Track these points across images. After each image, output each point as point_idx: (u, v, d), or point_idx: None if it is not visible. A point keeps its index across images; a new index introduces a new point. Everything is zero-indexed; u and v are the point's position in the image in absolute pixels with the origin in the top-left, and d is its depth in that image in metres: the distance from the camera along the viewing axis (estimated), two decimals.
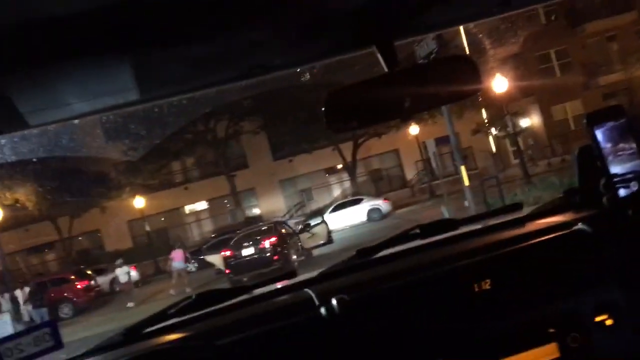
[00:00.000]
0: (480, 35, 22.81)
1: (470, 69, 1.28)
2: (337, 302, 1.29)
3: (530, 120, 31.84)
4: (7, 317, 13.29)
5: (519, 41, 26.68)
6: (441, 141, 21.44)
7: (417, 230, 1.66)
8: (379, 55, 1.30)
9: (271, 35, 1.23)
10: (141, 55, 1.10)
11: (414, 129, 28.82)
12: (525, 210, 1.90)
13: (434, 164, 18.14)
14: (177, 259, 19.02)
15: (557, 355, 1.20)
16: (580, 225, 1.38)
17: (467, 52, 20.41)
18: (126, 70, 1.11)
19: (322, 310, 1.33)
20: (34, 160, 23.03)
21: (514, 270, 1.32)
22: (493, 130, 28.57)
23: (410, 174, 33.94)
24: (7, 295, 17.80)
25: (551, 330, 1.20)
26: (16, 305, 17.30)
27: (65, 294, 20.10)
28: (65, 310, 19.60)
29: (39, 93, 1.10)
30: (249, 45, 1.22)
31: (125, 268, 18.51)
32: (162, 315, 1.59)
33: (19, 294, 17.83)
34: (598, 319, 1.24)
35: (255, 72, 1.28)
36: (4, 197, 22.54)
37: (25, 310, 16.82)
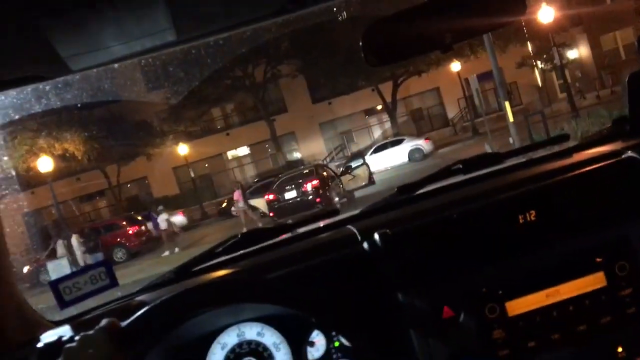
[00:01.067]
0: None
1: None
2: (380, 237, 1.30)
3: (578, 52, 30.53)
4: (65, 262, 14.00)
5: None
6: (484, 77, 20.85)
7: (460, 166, 1.64)
8: None
9: None
10: None
11: (455, 66, 28.03)
12: (573, 142, 1.84)
13: (476, 101, 17.70)
14: (239, 199, 19.52)
15: (604, 284, 1.19)
16: (629, 153, 1.33)
17: None
18: (162, 10, 1.11)
19: (365, 245, 1.34)
20: (79, 106, 23.64)
21: (560, 200, 1.30)
22: (539, 63, 27.57)
23: (452, 112, 33.30)
24: (63, 242, 18.70)
25: (598, 259, 1.19)
26: (72, 250, 18.15)
27: (118, 239, 20.94)
28: (119, 255, 20.46)
29: (78, 37, 1.11)
30: None
31: (164, 215, 19.07)
32: (210, 254, 1.64)
33: (74, 240, 18.67)
34: None
35: (292, 6, 1.26)
36: (53, 147, 23.29)
37: (81, 255, 17.63)
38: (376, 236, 1.31)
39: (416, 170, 19.46)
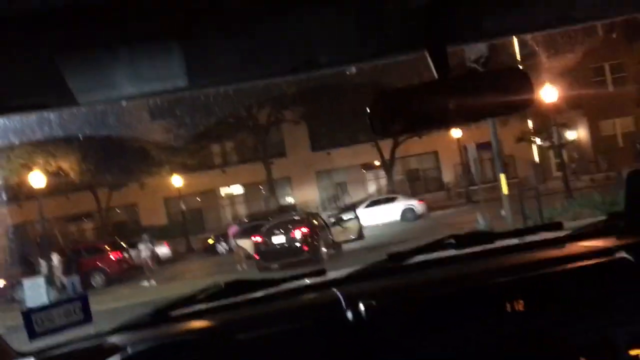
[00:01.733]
0: (533, 42, 22.33)
1: (523, 83, 1.24)
2: (365, 307, 1.28)
3: (577, 134, 31.04)
4: (41, 281, 13.70)
5: (572, 51, 25.98)
6: (483, 147, 21.10)
7: (452, 240, 1.64)
8: (429, 60, 1.28)
9: (321, 31, 1.22)
10: (193, 44, 1.11)
11: (456, 132, 28.42)
12: (566, 229, 1.85)
13: (473, 169, 17.86)
14: (235, 235, 19.50)
15: None
16: (623, 253, 1.33)
17: (519, 58, 19.99)
18: (177, 57, 1.12)
19: (349, 314, 1.32)
20: (80, 136, 23.70)
21: (549, 293, 1.28)
22: (537, 140, 27.97)
23: (448, 177, 33.56)
24: (43, 261, 18.40)
25: (582, 358, 1.17)
26: (51, 270, 17.84)
27: (99, 263, 20.64)
28: (97, 280, 20.13)
29: (90, 72, 1.12)
30: (299, 39, 1.21)
31: (148, 244, 18.94)
32: (190, 300, 1.61)
33: (55, 259, 18.40)
34: (632, 352, 1.20)
35: (304, 67, 1.27)
36: (48, 164, 23.20)
37: (59, 276, 17.33)
38: (361, 306, 1.29)
39: (407, 230, 19.43)
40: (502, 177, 14.65)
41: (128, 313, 1.78)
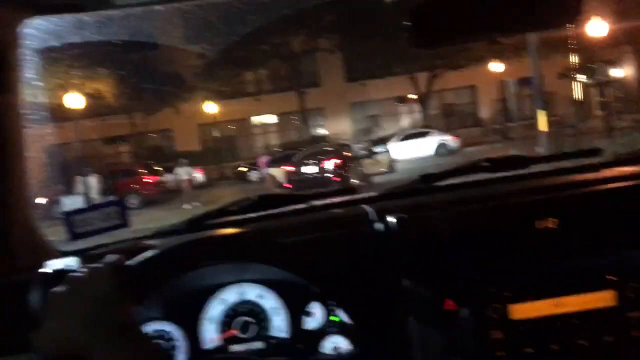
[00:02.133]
0: None
1: None
2: (395, 220, 1.29)
3: (623, 71, 29.78)
4: (80, 200, 14.22)
5: None
6: (523, 82, 20.51)
7: (486, 163, 1.61)
8: None
9: None
10: None
11: (496, 66, 27.54)
12: (604, 158, 1.80)
13: (511, 105, 17.44)
14: (264, 165, 19.97)
15: (614, 303, 1.16)
16: None
17: None
18: None
19: (378, 225, 1.33)
20: (117, 46, 23.77)
21: (582, 213, 1.27)
22: (581, 77, 26.97)
23: (484, 113, 32.85)
24: (81, 181, 18.98)
25: (611, 277, 1.17)
26: (89, 190, 18.43)
27: (134, 185, 21.19)
28: (132, 201, 20.72)
29: None
30: None
31: (188, 169, 19.44)
32: (223, 211, 1.64)
33: (92, 180, 19.01)
34: None
35: None
36: (84, 85, 23.47)
37: (96, 196, 17.90)
38: (390, 218, 1.30)
39: (439, 165, 19.21)
40: (541, 114, 14.29)
41: None
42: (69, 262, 1.38)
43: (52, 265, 1.35)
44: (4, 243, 1.39)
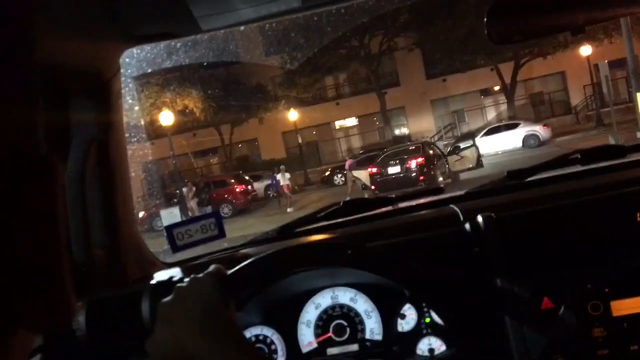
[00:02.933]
0: None
1: None
2: (483, 219, 1.28)
3: None
4: (176, 211, 14.94)
5: None
6: (616, 64, 19.31)
7: (578, 155, 1.56)
8: None
9: None
10: None
11: (585, 49, 26.09)
12: None
13: (605, 89, 16.47)
14: (350, 166, 20.36)
15: None
16: None
17: None
18: None
19: (467, 226, 1.32)
20: (204, 64, 24.89)
21: None
22: None
23: (576, 99, 31.24)
24: (177, 193, 19.91)
25: None
26: (184, 202, 19.30)
27: (226, 195, 21.96)
28: (225, 210, 21.47)
29: None
30: None
31: (286, 174, 20.20)
32: (311, 218, 1.69)
33: (187, 192, 19.91)
34: None
35: None
36: (175, 102, 24.68)
37: (191, 206, 18.70)
38: (479, 218, 1.29)
39: (529, 158, 18.53)
40: (638, 97, 13.40)
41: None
42: (174, 273, 1.48)
43: (159, 276, 1.45)
44: (114, 257, 1.50)
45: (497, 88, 31.32)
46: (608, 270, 1.16)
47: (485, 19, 1.22)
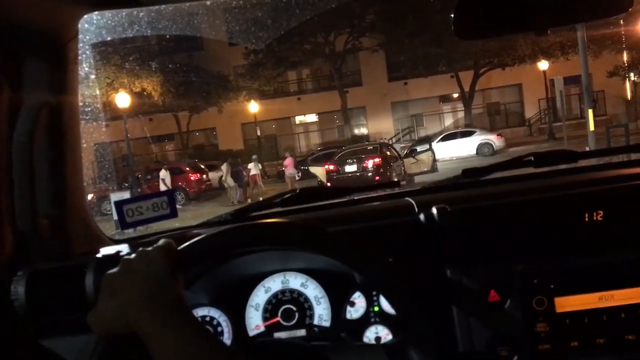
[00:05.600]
0: None
1: None
2: (437, 210, 1.29)
3: None
4: (127, 195, 14.60)
5: None
6: (571, 80, 19.97)
7: (531, 158, 1.59)
8: None
9: None
10: None
11: (542, 64, 26.91)
12: None
13: (558, 104, 17.00)
14: (289, 166, 20.48)
15: None
16: None
17: None
18: None
19: (421, 216, 1.33)
20: (166, 48, 24.34)
21: (630, 205, 1.24)
22: (632, 76, 26.12)
23: (530, 111, 32.15)
24: (129, 178, 19.51)
25: None
26: (136, 187, 18.91)
27: (180, 183, 21.62)
28: (177, 198, 21.14)
29: None
30: None
31: (258, 164, 20.31)
32: (267, 203, 1.67)
33: (163, 175, 19.83)
34: None
35: None
36: (133, 84, 24.08)
37: (143, 191, 18.36)
38: (434, 209, 1.30)
39: (483, 165, 18.89)
40: (590, 113, 13.89)
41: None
42: (122, 248, 1.43)
43: (106, 251, 1.41)
44: (60, 231, 1.45)
45: (455, 95, 31.92)
46: (555, 267, 1.18)
47: (452, 15, 1.23)
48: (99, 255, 1.31)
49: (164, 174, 20.25)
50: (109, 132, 25.13)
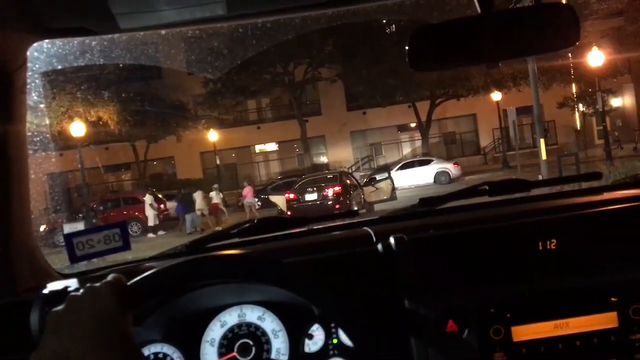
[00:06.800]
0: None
1: (569, 18, 1.20)
2: (395, 240, 1.29)
3: (622, 101, 30.02)
4: (81, 226, 14.20)
5: (623, 12, 24.82)
6: (523, 111, 20.64)
7: (486, 187, 1.62)
8: None
9: None
10: None
11: (495, 95, 27.79)
12: (604, 182, 1.81)
13: (511, 134, 17.53)
14: (248, 195, 20.56)
15: (615, 324, 1.15)
16: None
17: None
18: None
19: (379, 246, 1.33)
20: (122, 76, 24.05)
21: (583, 234, 1.27)
22: (580, 106, 27.21)
23: (485, 141, 33.01)
24: (83, 208, 19.02)
25: (613, 298, 1.16)
26: (90, 217, 18.43)
27: (136, 213, 21.18)
28: (134, 228, 20.69)
29: None
30: None
31: (219, 193, 21.04)
32: (224, 234, 1.64)
33: (149, 200, 19.57)
34: None
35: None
36: (89, 113, 23.64)
37: (97, 223, 17.91)
38: (391, 239, 1.30)
39: (440, 193, 19.22)
40: (542, 142, 14.32)
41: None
42: (70, 283, 1.38)
43: (53, 286, 1.35)
44: (5, 266, 1.39)
45: (413, 125, 32.55)
46: (510, 296, 1.19)
47: (406, 47, 1.25)
48: (45, 291, 1.26)
49: (149, 198, 20.33)
50: (62, 161, 24.58)
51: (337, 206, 17.11)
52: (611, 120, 27.93)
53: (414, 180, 25.35)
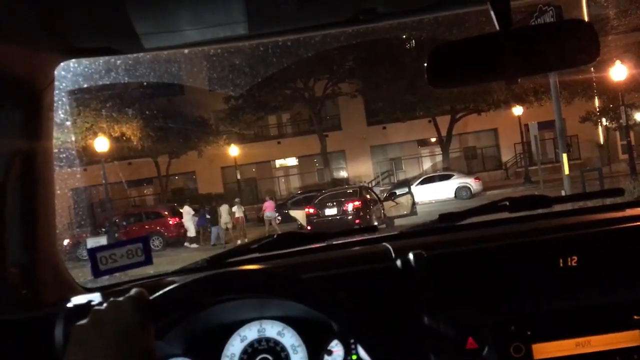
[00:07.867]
0: (606, 13, 21.20)
1: (588, 35, 1.20)
2: (414, 256, 1.29)
3: None
4: (104, 240, 14.37)
5: None
6: (545, 125, 20.44)
7: (506, 203, 1.61)
8: (492, 13, 1.25)
9: None
10: None
11: (517, 110, 27.58)
12: (628, 198, 1.79)
13: (533, 148, 17.35)
14: (269, 209, 20.64)
15: (638, 343, 1.14)
16: None
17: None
18: (237, 2, 1.14)
19: (398, 262, 1.33)
20: (146, 93, 24.48)
21: (605, 250, 1.26)
22: (603, 121, 26.84)
23: (506, 155, 32.71)
24: (106, 223, 19.24)
25: (636, 317, 1.14)
26: (113, 232, 18.64)
27: (158, 227, 21.36)
28: (155, 242, 20.84)
29: (155, 16, 1.16)
30: None
31: (241, 207, 21.13)
32: (244, 249, 1.66)
33: (117, 222, 19.48)
34: None
35: (363, 17, 1.27)
36: (112, 129, 24.01)
37: (121, 238, 18.08)
38: (410, 255, 1.30)
39: (460, 208, 19.06)
40: (564, 157, 14.14)
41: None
42: (93, 297, 1.40)
43: (77, 300, 1.37)
44: (30, 280, 1.41)
45: (433, 139, 32.41)
46: (531, 313, 1.18)
47: (425, 64, 1.26)
48: (69, 305, 1.28)
49: (187, 209, 20.72)
50: (87, 176, 24.93)
51: (357, 221, 17.05)
52: (635, 135, 27.50)
53: (434, 195, 25.15)
